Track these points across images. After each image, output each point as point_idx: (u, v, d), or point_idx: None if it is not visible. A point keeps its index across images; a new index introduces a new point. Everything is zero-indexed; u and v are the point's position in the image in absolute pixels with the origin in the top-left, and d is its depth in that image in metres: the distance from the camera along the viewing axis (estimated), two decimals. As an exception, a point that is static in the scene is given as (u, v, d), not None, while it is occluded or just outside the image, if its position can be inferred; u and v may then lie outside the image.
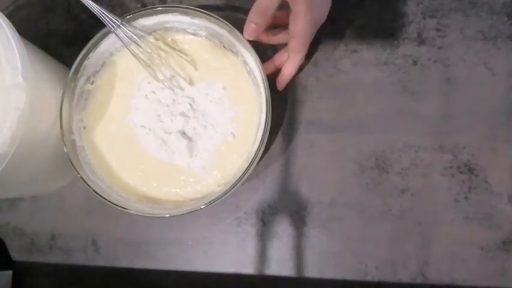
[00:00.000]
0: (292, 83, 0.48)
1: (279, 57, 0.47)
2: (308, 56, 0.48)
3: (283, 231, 0.47)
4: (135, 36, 0.44)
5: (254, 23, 0.41)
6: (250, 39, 0.42)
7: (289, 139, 0.48)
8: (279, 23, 0.45)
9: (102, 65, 0.48)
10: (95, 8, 0.42)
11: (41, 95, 0.41)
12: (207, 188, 0.45)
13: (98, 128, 0.47)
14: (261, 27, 0.41)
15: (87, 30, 0.52)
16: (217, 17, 0.43)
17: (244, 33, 0.42)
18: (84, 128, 0.47)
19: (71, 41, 0.54)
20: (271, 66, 0.47)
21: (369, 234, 0.46)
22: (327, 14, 0.44)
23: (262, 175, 0.48)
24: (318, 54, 0.49)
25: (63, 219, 0.51)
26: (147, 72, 0.46)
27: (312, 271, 0.46)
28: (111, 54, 0.48)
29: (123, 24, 0.43)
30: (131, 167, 0.46)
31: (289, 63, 0.45)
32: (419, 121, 0.46)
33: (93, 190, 0.42)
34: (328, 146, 0.47)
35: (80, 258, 0.50)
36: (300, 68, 0.48)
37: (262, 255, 0.47)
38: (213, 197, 0.41)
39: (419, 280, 0.44)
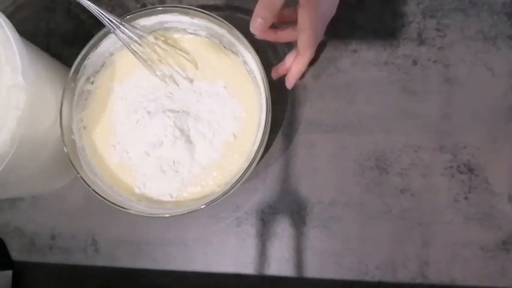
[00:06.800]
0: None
1: (290, 58, 0.46)
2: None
3: (283, 231, 0.47)
4: (135, 36, 0.44)
5: (261, 17, 0.38)
6: (256, 33, 0.40)
7: (289, 139, 0.48)
8: (287, 21, 0.44)
9: (102, 65, 0.48)
10: (94, 9, 0.42)
11: (41, 95, 0.41)
12: (207, 188, 0.45)
13: (98, 128, 0.47)
14: (268, 22, 0.39)
15: (87, 30, 0.52)
16: (217, 17, 0.43)
17: (250, 27, 0.39)
18: (84, 128, 0.47)
19: (71, 41, 0.54)
20: (283, 68, 0.46)
21: (369, 234, 0.46)
22: (336, 6, 0.43)
23: (262, 175, 0.48)
24: (318, 54, 0.49)
25: (63, 219, 0.51)
26: (148, 71, 0.46)
27: (312, 271, 0.46)
28: (111, 54, 0.48)
29: (122, 25, 0.43)
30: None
31: (299, 59, 0.44)
32: (419, 121, 0.47)
33: (93, 190, 0.42)
34: (328, 146, 0.47)
35: (80, 258, 0.50)
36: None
37: (262, 255, 0.47)
38: (213, 197, 0.41)
39: (419, 280, 0.44)
